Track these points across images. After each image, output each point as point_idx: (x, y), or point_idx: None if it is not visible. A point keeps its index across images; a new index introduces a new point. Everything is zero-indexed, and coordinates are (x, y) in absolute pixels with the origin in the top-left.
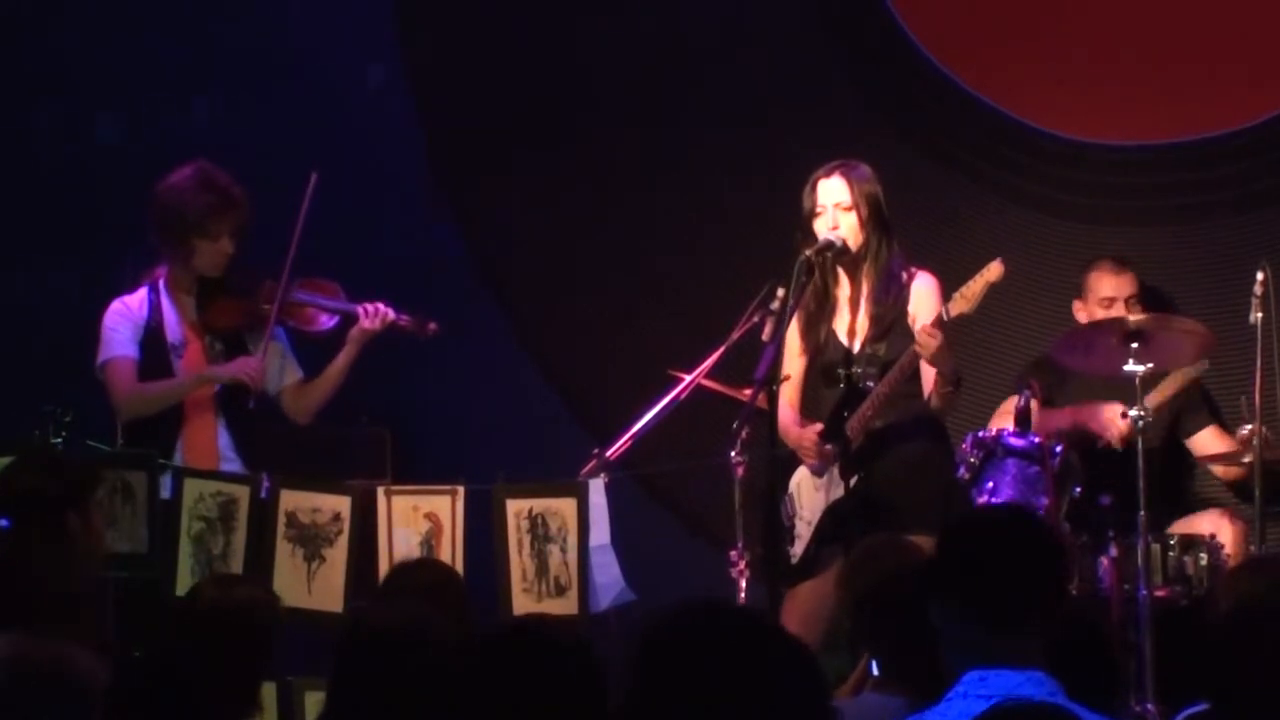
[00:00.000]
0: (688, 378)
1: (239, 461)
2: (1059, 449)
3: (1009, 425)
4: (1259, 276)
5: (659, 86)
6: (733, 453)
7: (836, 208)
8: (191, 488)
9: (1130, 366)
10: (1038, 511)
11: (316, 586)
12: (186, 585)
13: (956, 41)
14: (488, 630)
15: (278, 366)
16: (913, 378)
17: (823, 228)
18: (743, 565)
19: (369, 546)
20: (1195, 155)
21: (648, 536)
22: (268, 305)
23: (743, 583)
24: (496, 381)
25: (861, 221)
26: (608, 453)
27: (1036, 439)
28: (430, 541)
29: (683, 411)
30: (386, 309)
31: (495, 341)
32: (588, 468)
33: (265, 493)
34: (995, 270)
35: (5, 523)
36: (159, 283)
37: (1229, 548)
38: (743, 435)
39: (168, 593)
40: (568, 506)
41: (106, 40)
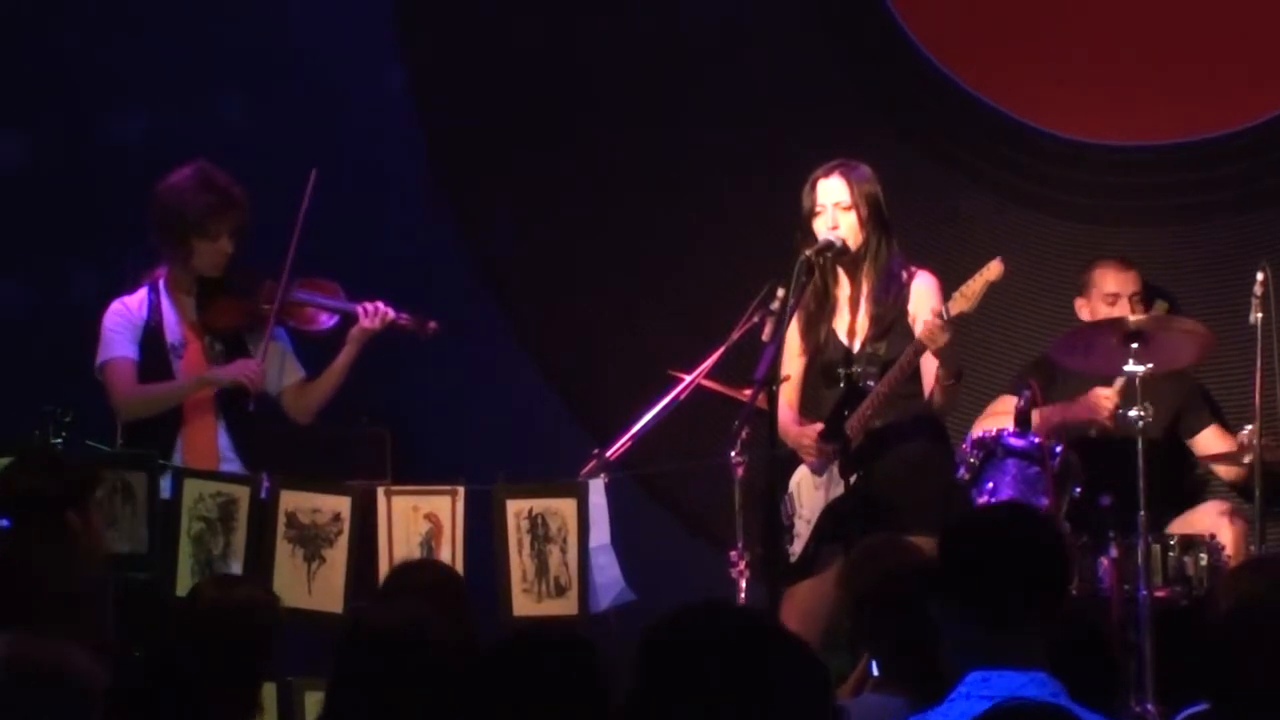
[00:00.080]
0: (688, 378)
1: (239, 462)
2: (1059, 449)
3: (993, 427)
4: (1259, 276)
5: (659, 86)
6: (733, 453)
7: (836, 207)
8: (191, 488)
9: (1130, 367)
10: (1040, 511)
11: (316, 586)
12: (186, 585)
13: (956, 41)
14: (492, 643)
15: (278, 366)
16: (913, 377)
17: (822, 227)
18: (743, 565)
19: (369, 547)
20: (1196, 155)
21: (648, 536)
22: (267, 305)
23: (743, 583)
24: (496, 381)
25: (861, 221)
26: (608, 453)
27: (1036, 439)
28: (430, 542)
29: (683, 411)
30: (386, 308)
31: (495, 341)
32: (588, 468)
33: (265, 493)
34: (995, 269)
35: (6, 523)
36: (159, 283)
37: (1229, 548)
38: (743, 435)
39: (168, 593)
40: (568, 507)
41: (106, 40)
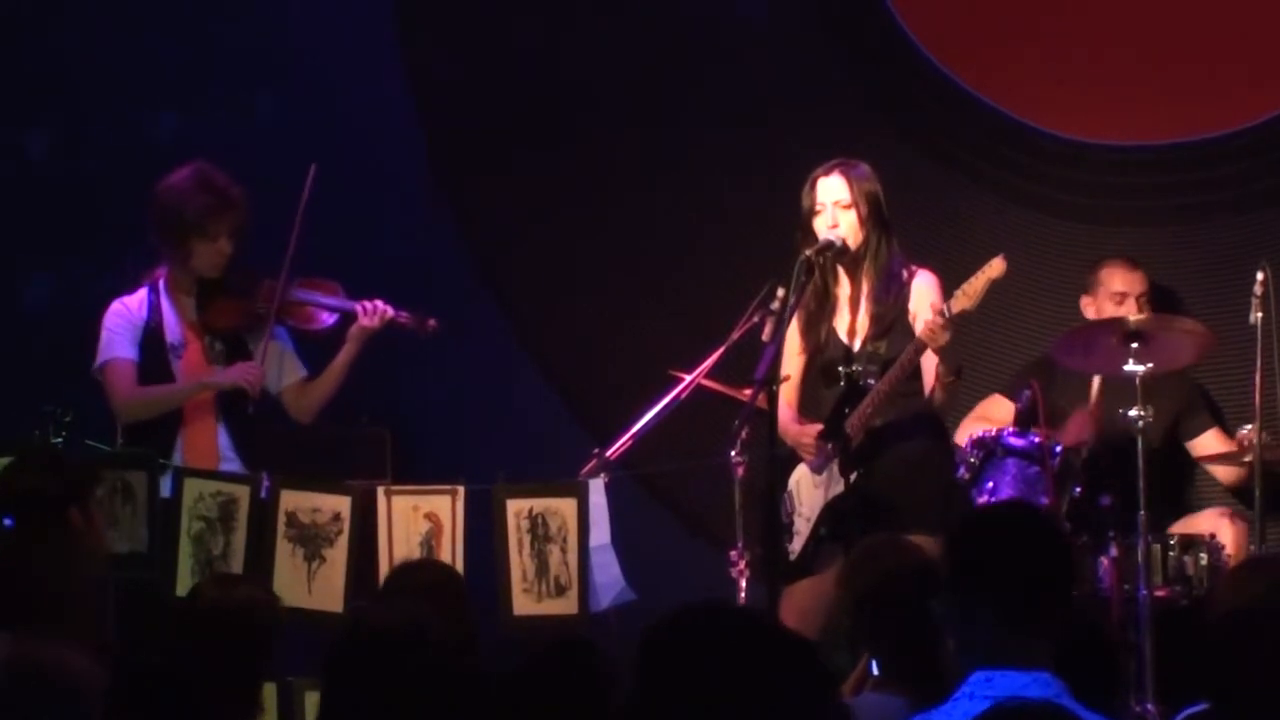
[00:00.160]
0: (688, 378)
1: (239, 461)
2: (1059, 449)
3: (978, 429)
4: (1259, 276)
5: (659, 86)
6: (733, 453)
7: (836, 206)
8: (191, 487)
9: (1130, 366)
10: (1046, 510)
11: (316, 586)
12: (186, 585)
13: (956, 41)
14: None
15: (277, 365)
16: (913, 376)
17: (822, 226)
18: (743, 565)
19: (369, 546)
20: (1196, 155)
21: (648, 536)
22: (267, 305)
23: (743, 583)
24: (496, 381)
25: (861, 220)
26: (608, 453)
27: (1036, 439)
28: (430, 541)
29: (683, 411)
30: (385, 306)
31: (495, 341)
32: (588, 468)
33: (265, 493)
34: (997, 267)
35: (9, 521)
36: (159, 283)
37: (1229, 548)
38: (743, 435)
39: (168, 593)
40: (568, 506)
41: (106, 40)
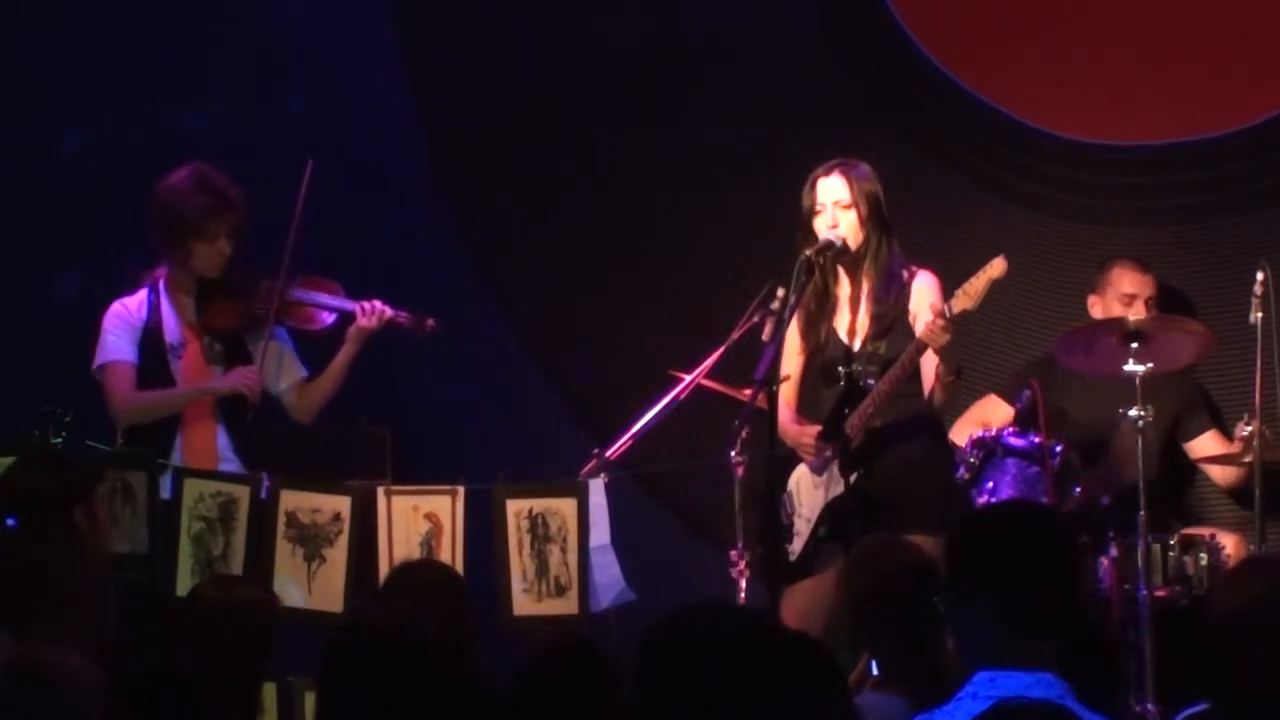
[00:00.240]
0: (688, 378)
1: (238, 462)
2: (1059, 449)
3: (972, 432)
4: (1259, 276)
5: (659, 86)
6: (733, 453)
7: (836, 205)
8: (191, 488)
9: (1130, 366)
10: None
11: (316, 586)
12: (186, 585)
13: (956, 41)
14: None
15: (277, 366)
16: (913, 376)
17: (822, 226)
18: (743, 565)
19: (369, 546)
20: (1196, 155)
21: (648, 536)
22: (266, 305)
23: (743, 583)
24: (496, 381)
25: (861, 220)
26: (608, 453)
27: (1036, 439)
28: (430, 541)
29: (683, 411)
30: (383, 306)
31: (495, 341)
32: (588, 468)
33: (265, 493)
34: (998, 266)
35: (11, 521)
36: (159, 283)
37: (1229, 548)
38: (743, 435)
39: (168, 593)
40: (568, 506)
41: (107, 40)
